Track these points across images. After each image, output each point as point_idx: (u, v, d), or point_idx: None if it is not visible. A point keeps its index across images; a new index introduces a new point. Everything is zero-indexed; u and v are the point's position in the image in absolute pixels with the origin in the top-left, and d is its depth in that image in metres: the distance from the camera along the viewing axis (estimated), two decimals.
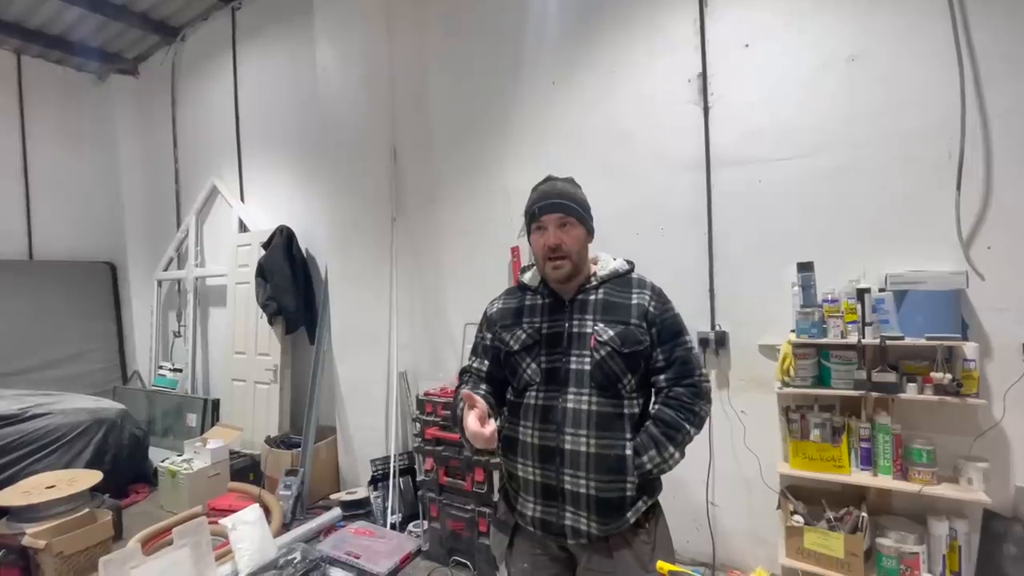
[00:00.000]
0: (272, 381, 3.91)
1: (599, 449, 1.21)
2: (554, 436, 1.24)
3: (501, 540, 1.37)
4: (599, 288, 1.32)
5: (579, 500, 1.21)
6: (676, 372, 1.27)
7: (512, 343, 1.33)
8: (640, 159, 2.67)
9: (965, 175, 1.95)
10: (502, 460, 1.37)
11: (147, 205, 5.45)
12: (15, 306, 4.74)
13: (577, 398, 1.23)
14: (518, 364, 1.32)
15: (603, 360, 1.23)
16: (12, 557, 2.52)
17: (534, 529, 1.28)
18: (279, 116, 4.18)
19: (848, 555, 1.87)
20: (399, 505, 3.07)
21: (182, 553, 2.39)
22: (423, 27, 3.45)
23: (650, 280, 1.36)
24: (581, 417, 1.22)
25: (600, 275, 1.34)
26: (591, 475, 1.21)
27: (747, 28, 2.37)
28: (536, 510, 1.27)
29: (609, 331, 1.25)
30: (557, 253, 1.27)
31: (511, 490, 1.35)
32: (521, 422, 1.29)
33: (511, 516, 1.35)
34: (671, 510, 1.22)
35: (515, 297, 1.42)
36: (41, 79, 5.19)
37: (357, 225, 3.42)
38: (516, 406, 1.32)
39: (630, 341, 1.24)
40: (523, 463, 1.28)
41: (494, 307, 1.44)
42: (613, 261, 1.39)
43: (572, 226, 1.29)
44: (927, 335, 1.87)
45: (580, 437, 1.22)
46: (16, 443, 3.23)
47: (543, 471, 1.25)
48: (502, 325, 1.37)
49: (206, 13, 4.62)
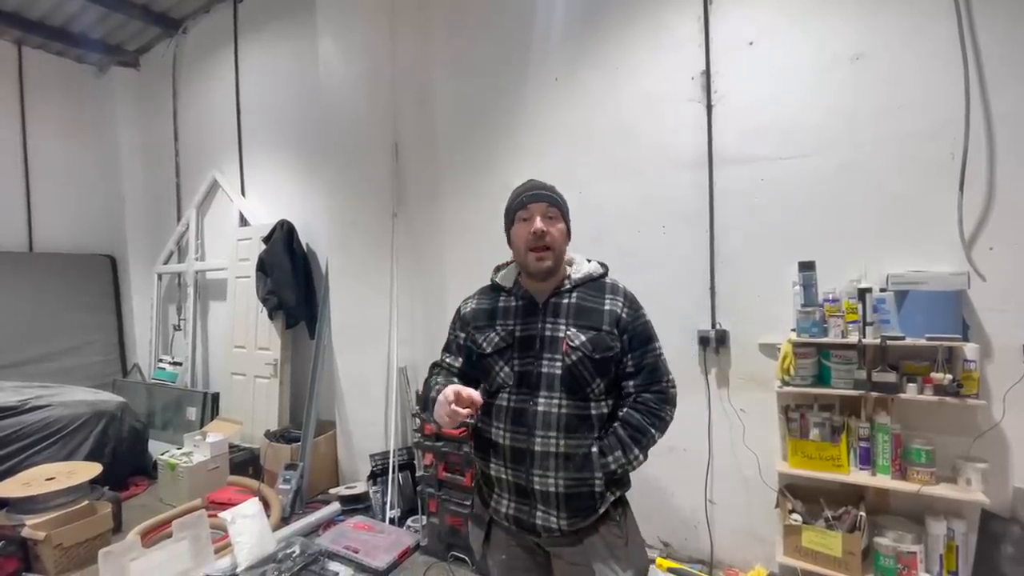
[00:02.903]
0: (272, 375, 3.91)
1: (568, 449, 1.24)
2: (525, 438, 1.26)
3: (478, 534, 1.42)
4: (573, 292, 1.33)
5: (548, 498, 1.24)
6: (645, 378, 1.30)
7: (485, 345, 1.34)
8: (643, 156, 2.67)
9: (968, 176, 1.95)
10: (475, 458, 1.40)
11: (148, 198, 5.44)
12: (15, 298, 4.74)
13: (548, 401, 1.25)
14: (491, 367, 1.33)
15: (574, 365, 1.25)
16: (11, 548, 2.52)
17: (508, 524, 1.32)
18: (281, 110, 4.17)
19: (846, 554, 1.88)
20: (398, 500, 3.08)
21: (181, 546, 2.41)
22: (426, 23, 3.44)
23: (623, 285, 1.38)
24: (551, 420, 1.24)
25: (575, 278, 1.35)
26: (559, 474, 1.23)
27: (751, 26, 2.37)
28: (510, 507, 1.30)
29: (581, 336, 1.26)
30: (542, 242, 1.27)
31: (485, 487, 1.38)
32: (494, 423, 1.31)
33: (485, 512, 1.38)
34: (669, 507, 1.22)
35: (488, 297, 1.42)
36: (42, 71, 5.17)
37: (358, 220, 3.42)
38: (488, 407, 1.33)
39: (601, 347, 1.26)
40: (496, 463, 1.31)
41: (468, 306, 1.45)
42: (587, 264, 1.39)
43: (557, 220, 1.31)
44: (928, 335, 1.87)
45: (550, 439, 1.24)
46: (16, 435, 3.24)
47: (514, 471, 1.27)
48: (475, 326, 1.38)
49: (208, 6, 4.61)
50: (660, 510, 2.58)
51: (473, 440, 1.40)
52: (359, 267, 3.42)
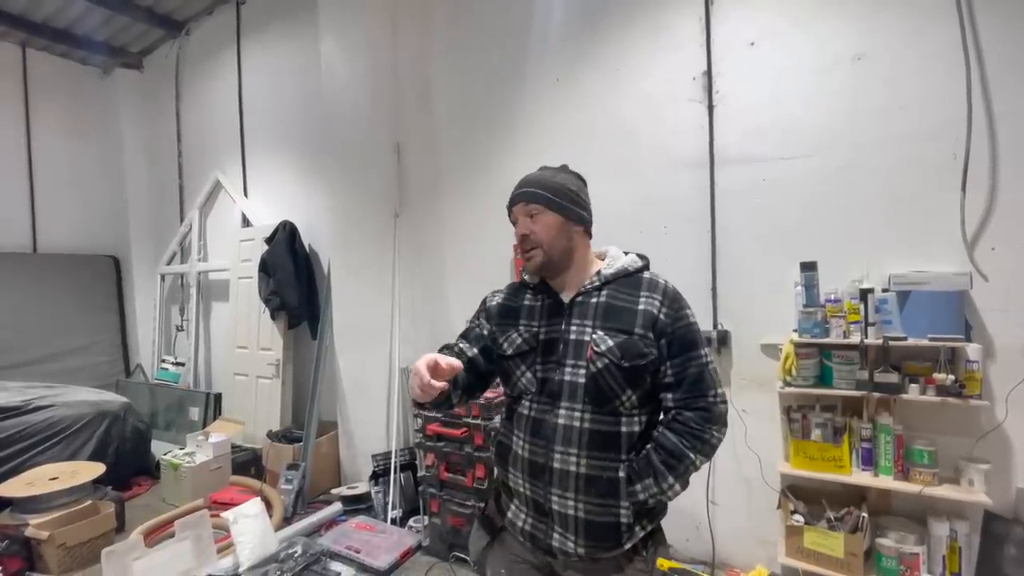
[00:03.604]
0: (274, 376, 3.92)
1: (590, 470, 1.10)
2: (543, 452, 1.13)
3: (482, 537, 1.30)
4: (602, 289, 1.19)
5: (567, 522, 1.12)
6: (687, 392, 1.12)
7: (506, 347, 1.23)
8: (644, 157, 2.67)
9: (970, 176, 1.94)
10: (496, 464, 1.29)
11: (151, 199, 5.46)
12: (19, 298, 4.76)
13: (569, 413, 1.12)
14: (512, 370, 1.23)
15: (599, 373, 1.10)
16: (15, 548, 2.54)
17: (523, 540, 1.20)
18: (283, 111, 4.18)
19: (848, 555, 1.88)
20: (400, 500, 3.08)
21: (184, 545, 2.41)
22: (428, 24, 3.45)
23: (664, 281, 1.20)
24: (572, 435, 1.11)
25: (605, 273, 1.20)
26: (580, 497, 1.10)
27: (753, 27, 2.37)
28: (527, 523, 1.19)
29: (608, 340, 1.11)
30: (526, 244, 1.19)
31: (504, 495, 1.27)
32: (514, 431, 1.21)
33: (500, 519, 1.26)
34: (671, 508, 1.20)
35: (516, 295, 1.31)
36: (46, 72, 5.20)
37: (360, 221, 3.42)
38: (511, 412, 1.24)
39: (631, 354, 1.10)
40: (514, 474, 1.20)
41: (495, 299, 1.34)
42: (624, 256, 1.25)
43: (540, 214, 1.19)
44: (930, 336, 1.86)
45: (570, 456, 1.11)
46: (20, 435, 3.25)
47: (532, 486, 1.16)
48: (498, 323, 1.28)
49: (211, 8, 4.62)
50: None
51: (495, 446, 1.29)
52: (361, 267, 3.43)
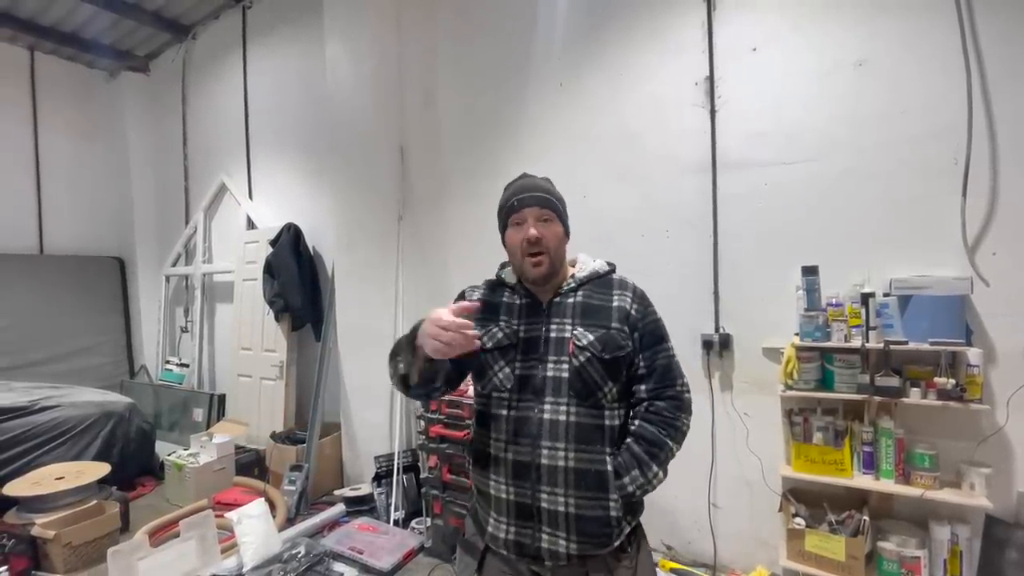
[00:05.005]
0: (278, 377, 3.94)
1: (578, 464, 1.12)
2: (529, 450, 1.14)
3: (468, 564, 1.26)
4: (578, 290, 1.24)
5: (557, 519, 1.12)
6: (657, 382, 1.20)
7: (485, 339, 1.21)
8: (646, 161, 2.68)
9: (971, 181, 1.95)
10: (472, 476, 1.28)
11: (156, 201, 5.50)
12: (25, 300, 4.80)
13: (555, 408, 1.14)
14: (489, 365, 1.21)
15: (582, 367, 1.14)
16: (21, 547, 2.56)
17: (507, 552, 1.17)
18: (288, 114, 4.21)
19: (849, 558, 1.88)
20: (402, 502, 3.09)
21: (188, 545, 2.43)
22: (432, 28, 3.47)
23: (632, 281, 1.27)
24: (559, 429, 1.13)
25: (579, 276, 1.25)
26: (570, 492, 1.12)
27: (755, 32, 2.38)
28: (509, 532, 1.16)
29: (589, 335, 1.16)
30: (537, 248, 1.18)
31: (481, 509, 1.25)
32: (492, 435, 1.19)
33: (480, 539, 1.23)
34: (673, 510, 1.21)
35: (495, 291, 1.32)
36: (54, 75, 5.26)
37: (364, 223, 3.45)
38: (484, 416, 1.22)
39: (611, 346, 1.16)
40: (495, 480, 1.18)
41: (475, 294, 1.35)
42: (593, 262, 1.30)
43: (552, 222, 1.21)
44: (931, 340, 1.87)
45: (558, 451, 1.12)
46: (26, 435, 3.27)
47: (517, 489, 1.15)
48: (478, 318, 1.23)
49: (217, 12, 4.66)
50: (663, 513, 2.57)
51: (471, 456, 1.28)
52: (365, 270, 3.45)
